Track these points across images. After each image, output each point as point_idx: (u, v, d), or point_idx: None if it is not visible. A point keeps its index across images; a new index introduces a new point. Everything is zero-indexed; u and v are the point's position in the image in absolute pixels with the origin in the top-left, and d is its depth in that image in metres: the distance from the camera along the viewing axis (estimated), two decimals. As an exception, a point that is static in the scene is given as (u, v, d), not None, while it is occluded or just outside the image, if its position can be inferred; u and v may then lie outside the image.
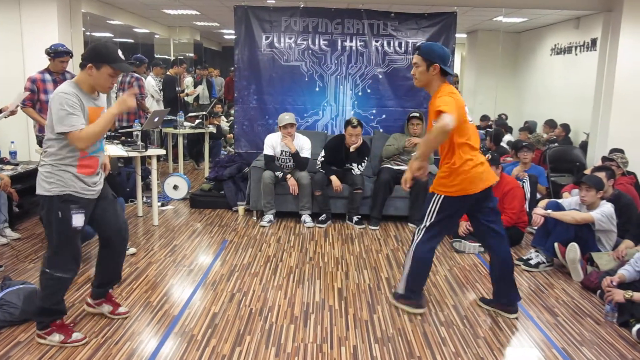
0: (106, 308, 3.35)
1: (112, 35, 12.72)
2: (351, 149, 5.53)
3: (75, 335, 3.03)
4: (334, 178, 5.48)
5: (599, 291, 3.86)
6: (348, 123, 5.52)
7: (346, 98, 6.32)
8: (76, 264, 3.03)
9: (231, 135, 8.95)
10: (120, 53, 3.03)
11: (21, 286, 3.31)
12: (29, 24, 6.34)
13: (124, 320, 3.30)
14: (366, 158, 5.68)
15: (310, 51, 6.21)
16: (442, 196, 3.36)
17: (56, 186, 2.86)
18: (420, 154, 3.21)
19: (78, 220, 2.90)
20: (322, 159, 5.63)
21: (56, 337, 2.99)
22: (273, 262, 4.42)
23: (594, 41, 8.41)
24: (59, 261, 2.95)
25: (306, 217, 5.54)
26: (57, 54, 4.93)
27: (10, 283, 3.36)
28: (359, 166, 5.60)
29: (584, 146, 7.51)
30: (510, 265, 3.53)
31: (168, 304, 3.56)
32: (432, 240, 3.48)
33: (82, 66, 2.90)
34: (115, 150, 5.02)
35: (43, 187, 2.89)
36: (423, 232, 3.48)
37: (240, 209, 5.90)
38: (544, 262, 4.41)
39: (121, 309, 3.38)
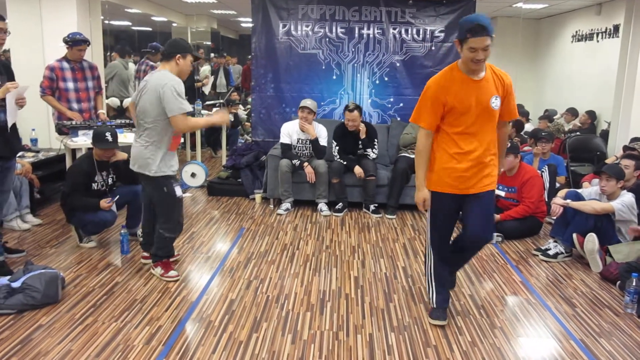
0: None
1: (130, 24, 12.80)
2: (361, 135, 5.51)
3: (172, 272, 3.75)
4: (357, 168, 5.43)
5: (618, 282, 3.82)
6: (345, 108, 5.53)
7: (363, 86, 6.29)
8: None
9: (248, 123, 8.97)
10: None
11: (43, 271, 3.37)
12: (49, 13, 6.40)
13: (143, 305, 3.35)
14: (375, 140, 5.64)
15: (327, 39, 6.18)
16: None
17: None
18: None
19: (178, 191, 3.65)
20: (337, 148, 5.62)
21: (158, 270, 3.75)
22: (290, 250, 4.44)
23: (616, 27, 8.24)
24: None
25: (323, 206, 5.55)
26: (75, 42, 4.97)
27: (32, 268, 3.42)
28: (373, 150, 5.59)
29: (604, 135, 7.39)
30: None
31: (186, 290, 3.61)
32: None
33: (169, 57, 3.46)
34: (132, 137, 5.05)
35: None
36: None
37: (257, 197, 5.93)
38: (562, 253, 4.37)
39: (174, 252, 4.05)
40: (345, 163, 5.51)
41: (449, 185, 3.05)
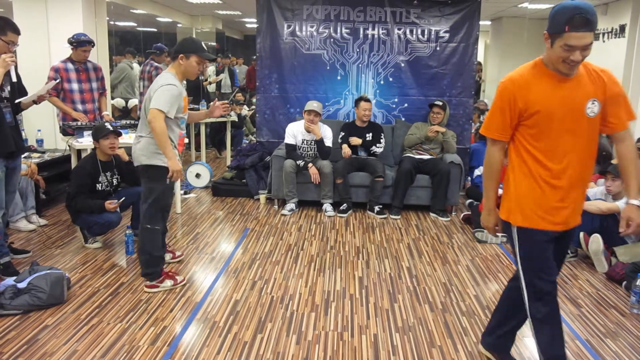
0: (168, 256, 4.06)
1: (135, 25, 12.84)
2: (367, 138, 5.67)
3: (179, 278, 3.69)
4: (346, 146, 5.58)
5: (624, 282, 3.80)
6: (360, 99, 5.71)
7: (368, 87, 6.28)
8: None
9: (251, 111, 8.97)
10: (203, 44, 3.55)
11: (48, 271, 3.38)
12: (55, 14, 6.43)
13: (148, 306, 3.36)
14: (382, 134, 5.75)
15: (332, 39, 6.18)
16: None
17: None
18: None
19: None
20: (342, 134, 5.76)
21: (169, 283, 3.62)
22: (294, 251, 4.44)
23: (622, 27, 8.20)
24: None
25: (327, 206, 5.55)
26: (80, 43, 4.99)
27: (38, 268, 3.44)
28: (377, 145, 5.68)
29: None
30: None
31: (191, 291, 3.61)
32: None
33: (174, 58, 3.45)
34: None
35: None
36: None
37: (262, 197, 5.93)
38: (568, 253, 4.34)
39: (177, 253, 4.18)
40: (344, 143, 5.65)
41: (540, 218, 2.35)
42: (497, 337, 2.81)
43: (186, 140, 6.10)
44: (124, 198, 4.25)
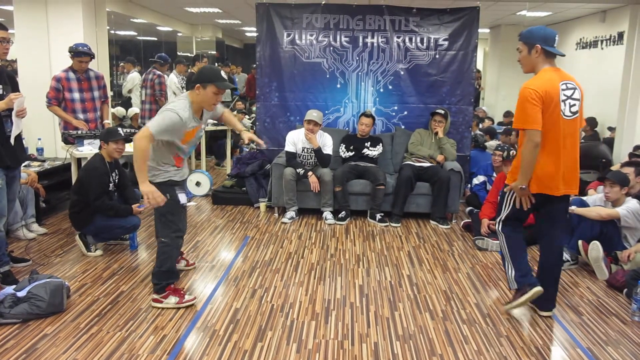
0: (182, 263, 4.11)
1: (135, 34, 12.89)
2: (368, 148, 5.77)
3: (187, 297, 3.53)
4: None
5: (625, 290, 3.79)
6: (362, 114, 5.87)
7: (367, 95, 6.30)
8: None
9: (252, 131, 8.99)
10: (222, 74, 3.48)
11: (48, 280, 3.38)
12: (55, 23, 6.46)
13: (148, 314, 3.35)
14: (381, 143, 5.85)
15: (331, 48, 6.20)
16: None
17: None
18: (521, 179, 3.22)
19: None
20: (343, 146, 5.85)
21: (172, 299, 3.46)
22: (294, 259, 4.44)
23: (620, 35, 8.24)
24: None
25: (328, 214, 5.55)
26: (77, 53, 5.01)
27: (38, 277, 3.43)
28: (372, 148, 5.77)
29: (609, 142, 7.37)
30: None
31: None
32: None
33: (192, 87, 3.34)
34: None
35: None
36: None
37: (262, 205, 5.93)
38: (568, 260, 4.34)
39: (191, 261, 4.21)
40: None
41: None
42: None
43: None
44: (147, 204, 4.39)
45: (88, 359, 2.83)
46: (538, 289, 3.30)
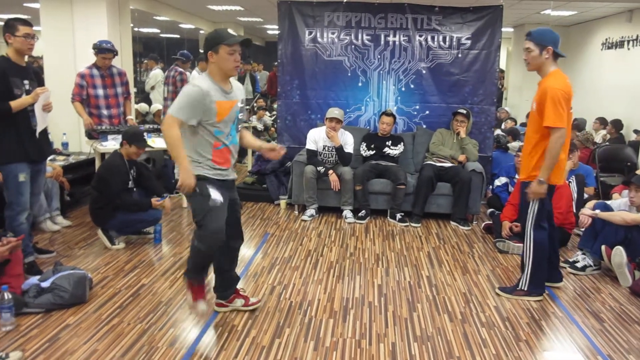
0: (239, 302, 3.42)
1: (158, 31, 13.03)
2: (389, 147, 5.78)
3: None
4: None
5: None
6: (383, 113, 5.87)
7: (389, 93, 6.27)
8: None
9: (273, 129, 9.02)
10: (230, 31, 3.03)
11: (71, 271, 3.44)
12: (80, 21, 6.55)
13: (168, 308, 3.39)
14: (402, 142, 5.84)
15: (353, 46, 6.19)
16: None
17: None
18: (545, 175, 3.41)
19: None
20: (364, 144, 5.84)
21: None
22: (313, 257, 4.44)
23: (648, 35, 8.07)
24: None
25: (348, 213, 5.54)
26: (100, 50, 5.08)
27: (61, 268, 3.50)
28: (393, 147, 5.77)
29: (635, 145, 7.22)
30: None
31: (210, 294, 3.61)
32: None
33: (205, 59, 3.01)
34: (161, 142, 5.14)
35: None
36: None
37: (282, 202, 5.95)
38: (590, 266, 4.27)
39: (252, 299, 3.46)
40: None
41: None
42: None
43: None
44: (168, 196, 4.68)
45: (108, 350, 2.88)
46: (540, 297, 3.69)
